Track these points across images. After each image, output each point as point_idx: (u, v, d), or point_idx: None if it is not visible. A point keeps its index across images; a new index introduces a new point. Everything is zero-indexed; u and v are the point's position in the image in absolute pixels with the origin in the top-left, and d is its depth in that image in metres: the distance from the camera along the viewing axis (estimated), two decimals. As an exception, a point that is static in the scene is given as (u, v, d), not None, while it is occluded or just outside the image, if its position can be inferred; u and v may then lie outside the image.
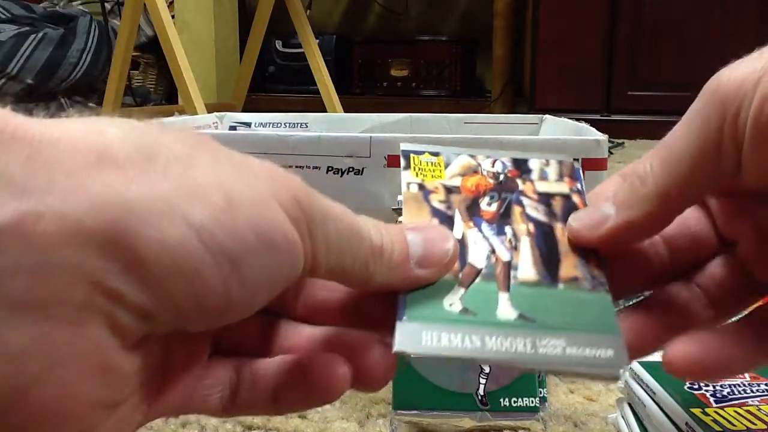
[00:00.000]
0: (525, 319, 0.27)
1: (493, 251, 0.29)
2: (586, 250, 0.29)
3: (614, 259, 0.29)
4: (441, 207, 0.30)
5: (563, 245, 0.30)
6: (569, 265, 0.29)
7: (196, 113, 1.46)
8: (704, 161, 0.25)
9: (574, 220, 0.29)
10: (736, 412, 0.42)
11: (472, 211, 0.31)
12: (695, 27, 2.35)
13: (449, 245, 0.28)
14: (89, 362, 0.20)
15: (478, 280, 0.28)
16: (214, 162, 0.22)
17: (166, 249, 0.20)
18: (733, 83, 0.24)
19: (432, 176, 0.32)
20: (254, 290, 0.22)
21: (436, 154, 0.33)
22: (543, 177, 0.32)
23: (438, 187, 0.31)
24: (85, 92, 3.02)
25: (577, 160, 0.33)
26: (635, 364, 0.49)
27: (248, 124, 0.89)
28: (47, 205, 0.19)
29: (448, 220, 0.30)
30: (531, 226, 0.30)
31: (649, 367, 0.48)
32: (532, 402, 0.52)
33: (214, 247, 0.21)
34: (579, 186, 0.32)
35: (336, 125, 0.90)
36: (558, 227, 0.30)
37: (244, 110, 1.42)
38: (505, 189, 0.32)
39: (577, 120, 0.75)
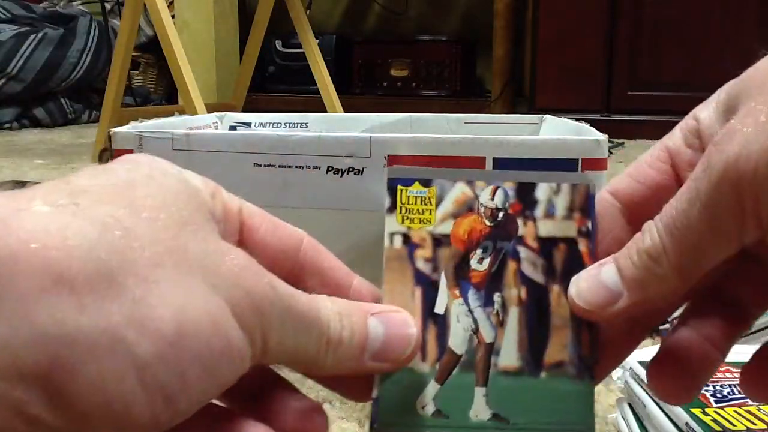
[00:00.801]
0: (498, 419, 0.27)
1: (476, 330, 0.28)
2: (580, 319, 0.28)
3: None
4: (426, 269, 0.28)
5: (556, 316, 0.28)
6: (557, 345, 0.28)
7: (196, 113, 1.46)
8: (724, 243, 0.24)
9: (576, 292, 0.27)
10: (736, 412, 0.42)
11: (461, 272, 0.28)
12: (695, 27, 2.35)
13: (410, 343, 0.27)
14: None
15: (456, 370, 0.27)
16: (177, 273, 0.22)
17: (101, 389, 0.20)
18: (747, 166, 0.23)
19: (420, 221, 0.29)
20: (186, 413, 0.22)
21: (427, 184, 0.29)
22: (549, 213, 0.29)
23: (425, 239, 0.29)
24: (85, 92, 3.02)
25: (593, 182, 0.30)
26: (635, 364, 0.49)
27: (248, 124, 0.89)
28: None
29: (432, 288, 0.28)
30: (523, 292, 0.28)
31: (649, 367, 0.48)
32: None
33: (152, 386, 0.20)
34: (589, 225, 0.29)
35: (336, 125, 0.90)
36: (554, 291, 0.28)
37: (244, 110, 1.42)
38: (501, 236, 0.29)
39: (577, 120, 0.75)
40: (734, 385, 0.45)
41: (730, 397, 0.44)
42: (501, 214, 0.29)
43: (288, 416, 0.27)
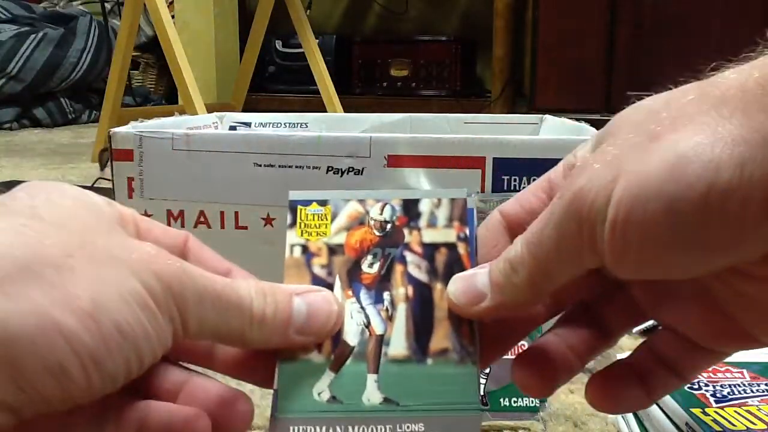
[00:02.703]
0: (389, 402, 0.29)
1: (368, 324, 0.31)
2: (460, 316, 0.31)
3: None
4: (322, 274, 0.32)
5: (439, 310, 0.31)
6: (441, 335, 0.30)
7: (196, 113, 1.46)
8: (569, 263, 0.27)
9: (452, 291, 0.31)
10: (736, 412, 0.42)
11: (353, 275, 0.32)
12: (695, 27, 2.35)
13: (332, 317, 0.30)
14: None
15: (349, 360, 0.30)
16: (90, 263, 0.25)
17: (39, 357, 0.23)
18: (587, 198, 0.25)
19: (317, 234, 0.32)
20: (115, 378, 0.25)
21: (324, 203, 0.33)
22: (431, 223, 0.33)
23: (321, 249, 0.32)
24: (85, 92, 3.02)
25: (471, 195, 0.34)
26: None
27: (248, 124, 0.89)
28: None
29: (327, 290, 0.31)
30: (410, 290, 0.31)
31: (649, 367, 0.48)
32: (532, 402, 0.52)
33: (82, 351, 0.24)
34: (467, 231, 0.32)
35: (336, 125, 0.90)
36: (437, 288, 0.31)
37: (244, 110, 1.42)
38: (389, 244, 0.32)
39: (577, 120, 0.75)
40: (734, 385, 0.45)
41: (730, 397, 0.44)
42: (389, 226, 0.33)
43: (210, 402, 0.29)
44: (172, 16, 2.07)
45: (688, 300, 0.29)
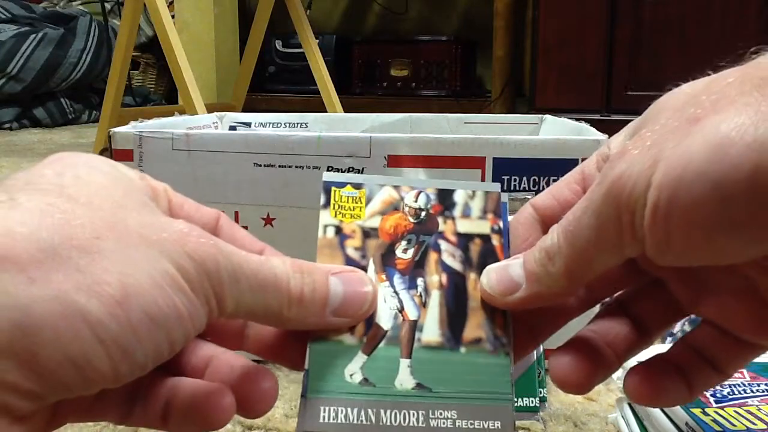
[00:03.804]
0: (422, 388, 0.29)
1: (401, 309, 0.30)
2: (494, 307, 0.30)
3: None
4: (355, 256, 0.31)
5: (473, 299, 0.31)
6: (475, 324, 0.30)
7: (196, 113, 1.46)
8: (608, 251, 0.26)
9: (486, 280, 0.30)
10: (736, 412, 0.42)
11: (387, 260, 0.31)
12: (695, 27, 2.35)
13: (368, 299, 0.29)
14: None
15: (382, 343, 0.30)
16: (119, 244, 0.24)
17: (61, 347, 0.22)
18: (627, 182, 0.25)
19: (351, 216, 0.32)
20: (144, 365, 0.24)
21: (358, 186, 0.33)
22: (466, 214, 0.33)
23: (355, 231, 0.32)
24: (85, 92, 3.02)
25: (505, 191, 0.34)
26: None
27: (248, 124, 0.89)
28: None
29: (362, 271, 0.31)
30: (444, 278, 0.31)
31: (649, 367, 0.48)
32: (532, 402, 0.52)
33: (107, 340, 0.23)
34: (501, 224, 0.32)
35: (336, 125, 0.90)
36: (471, 278, 0.31)
37: (244, 110, 1.42)
38: (424, 231, 0.32)
39: (577, 120, 0.75)
40: (734, 385, 0.45)
41: (730, 397, 0.44)
42: (423, 214, 0.32)
43: (235, 378, 0.29)
44: (172, 16, 2.07)
45: (729, 293, 0.29)
